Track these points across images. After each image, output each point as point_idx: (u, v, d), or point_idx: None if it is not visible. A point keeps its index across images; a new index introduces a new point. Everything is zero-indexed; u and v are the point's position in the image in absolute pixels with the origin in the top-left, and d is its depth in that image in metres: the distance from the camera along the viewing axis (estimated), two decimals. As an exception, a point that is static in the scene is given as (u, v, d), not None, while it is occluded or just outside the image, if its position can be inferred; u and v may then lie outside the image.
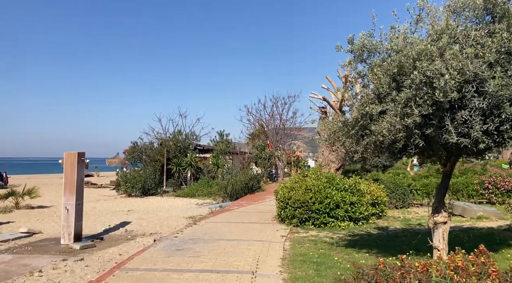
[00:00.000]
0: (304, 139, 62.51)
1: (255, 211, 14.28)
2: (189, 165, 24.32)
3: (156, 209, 17.69)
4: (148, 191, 23.26)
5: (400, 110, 5.07)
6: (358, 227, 10.77)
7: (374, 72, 5.55)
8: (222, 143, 27.94)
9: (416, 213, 13.54)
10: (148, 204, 19.49)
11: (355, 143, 6.14)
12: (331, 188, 10.91)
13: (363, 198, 11.16)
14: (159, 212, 16.42)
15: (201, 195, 22.03)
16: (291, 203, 10.77)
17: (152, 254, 7.71)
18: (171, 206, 18.77)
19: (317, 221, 10.55)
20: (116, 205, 18.98)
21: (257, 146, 32.05)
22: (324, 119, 13.70)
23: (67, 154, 10.32)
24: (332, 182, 11.14)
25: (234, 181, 19.37)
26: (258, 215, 13.12)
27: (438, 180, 15.78)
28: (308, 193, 10.75)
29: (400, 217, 12.67)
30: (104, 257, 8.45)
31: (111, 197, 23.08)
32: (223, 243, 8.59)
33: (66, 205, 10.07)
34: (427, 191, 14.94)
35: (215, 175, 24.58)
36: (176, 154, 24.41)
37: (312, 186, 10.96)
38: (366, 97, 5.70)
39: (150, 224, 12.70)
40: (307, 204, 10.57)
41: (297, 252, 7.63)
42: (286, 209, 10.89)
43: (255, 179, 23.51)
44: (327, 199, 10.56)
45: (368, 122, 5.79)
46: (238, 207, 15.64)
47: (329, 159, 13.20)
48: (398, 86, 5.35)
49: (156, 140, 27.04)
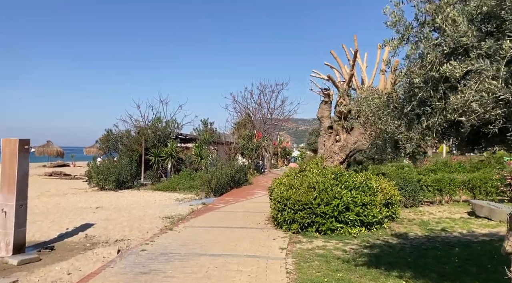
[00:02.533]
0: (288, 130, 60.82)
1: (244, 211, 12.21)
2: (169, 156, 22.06)
3: (130, 205, 15.48)
4: (124, 183, 20.96)
5: (506, 69, 3.00)
6: (371, 233, 8.81)
7: (447, 14, 3.46)
8: (206, 131, 25.69)
9: (431, 214, 11.68)
10: (121, 199, 17.23)
11: (405, 127, 4.08)
12: (339, 185, 8.90)
13: (375, 198, 9.20)
14: (133, 210, 14.23)
15: (183, 188, 19.87)
16: (291, 204, 8.72)
17: (107, 280, 5.56)
18: (148, 201, 16.57)
19: (323, 227, 8.54)
20: (85, 200, 16.66)
21: (243, 135, 29.92)
22: (326, 103, 11.66)
23: (5, 141, 8.01)
24: (340, 178, 9.14)
25: (219, 174, 17.25)
26: (248, 216, 11.06)
27: (451, 175, 13.98)
28: (312, 192, 8.72)
29: (415, 219, 10.78)
30: (47, 278, 6.30)
31: (81, 190, 20.69)
32: (205, 261, 6.48)
33: (3, 207, 7.81)
34: (439, 187, 13.10)
35: (198, 167, 22.39)
36: (155, 143, 22.10)
37: (316, 183, 8.92)
38: (432, 55, 3.59)
39: (118, 226, 10.51)
40: (310, 205, 8.54)
41: (307, 278, 5.58)
42: (284, 212, 8.85)
43: (241, 171, 21.42)
44: (335, 199, 8.54)
45: (430, 95, 3.72)
46: (223, 205, 13.55)
47: (332, 150, 11.18)
48: (490, 33, 3.28)
49: (134, 128, 24.64)
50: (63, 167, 42.41)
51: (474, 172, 14.15)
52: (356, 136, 11.04)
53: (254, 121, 35.33)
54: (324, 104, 11.72)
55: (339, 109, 10.66)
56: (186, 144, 24.67)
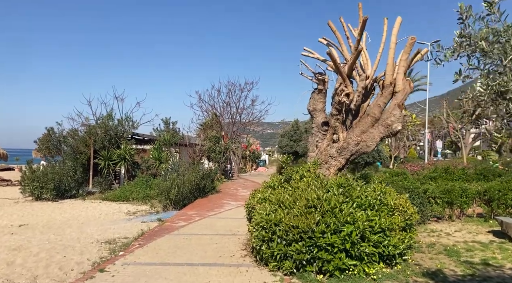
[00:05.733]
0: (255, 134, 58.49)
1: (212, 233, 9.30)
2: (122, 159, 18.74)
3: (66, 221, 12.22)
4: (66, 192, 17.47)
5: None
6: (394, 273, 6.17)
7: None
8: (168, 131, 22.50)
9: (448, 234, 9.25)
10: (57, 213, 13.86)
11: None
12: (349, 203, 6.21)
13: (394, 220, 6.59)
14: (67, 228, 11.02)
15: (137, 198, 16.67)
16: (282, 233, 5.94)
17: None
18: (90, 216, 13.32)
19: (329, 266, 5.79)
20: (9, 215, 13.17)
21: (210, 137, 26.93)
22: (320, 92, 8.97)
23: None
24: (350, 192, 6.46)
25: (180, 181, 14.22)
26: (218, 243, 8.17)
27: (462, 184, 11.70)
28: (312, 213, 5.98)
29: (435, 243, 8.28)
30: None
31: (11, 201, 17.01)
32: None
33: None
34: (450, 199, 10.74)
35: (157, 172, 19.20)
36: (105, 144, 18.71)
37: (317, 200, 6.19)
38: None
39: (31, 260, 7.38)
40: (311, 234, 5.79)
41: None
42: (272, 243, 6.04)
43: (208, 177, 18.43)
44: (346, 225, 5.84)
45: None
46: (185, 223, 10.58)
47: (328, 153, 8.51)
48: None
49: (82, 127, 21.06)
50: (5, 170, 37.67)
51: (481, 180, 11.91)
52: (359, 135, 8.43)
53: (222, 122, 32.39)
54: (317, 93, 9.01)
55: (339, 99, 8.00)
56: (144, 145, 21.38)
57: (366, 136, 8.51)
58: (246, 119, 34.09)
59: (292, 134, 37.74)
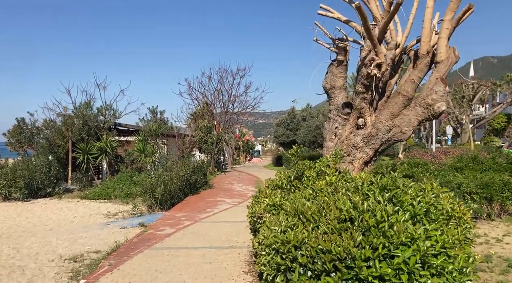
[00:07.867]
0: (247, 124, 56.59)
1: (204, 245, 7.38)
2: (103, 152, 16.71)
3: (30, 228, 10.32)
4: (39, 190, 15.47)
5: None
6: (466, 310, 4.32)
7: None
8: (155, 121, 20.45)
9: (499, 241, 7.47)
10: (24, 217, 11.91)
11: None
12: (401, 214, 4.33)
13: (453, 232, 4.73)
14: (30, 238, 9.15)
15: (119, 196, 14.76)
16: (306, 259, 4.05)
17: None
18: (62, 220, 11.41)
19: (377, 308, 3.92)
20: (-36, 221, 11.20)
21: (201, 127, 24.90)
22: (340, 65, 7.02)
23: None
24: (400, 197, 4.58)
25: (167, 177, 12.26)
26: (211, 261, 6.26)
27: (494, 174, 9.95)
28: (350, 231, 4.09)
29: (491, 255, 6.47)
30: None
31: (-25, 202, 14.99)
32: None
33: None
34: (489, 195, 8.97)
35: (143, 166, 17.22)
36: (83, 136, 16.62)
37: (352, 210, 4.31)
38: None
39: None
40: (350, 262, 3.91)
41: None
42: (292, 274, 4.15)
43: (199, 170, 16.46)
44: (401, 247, 3.97)
45: None
46: (171, 230, 8.66)
47: (352, 142, 6.63)
48: None
49: (58, 117, 18.93)
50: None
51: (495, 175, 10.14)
52: (389, 119, 6.55)
53: (214, 112, 30.33)
54: (336, 66, 7.05)
55: (367, 72, 6.08)
56: (128, 137, 19.31)
57: (400, 120, 6.63)
58: (239, 108, 32.08)
59: (288, 123, 35.71)
